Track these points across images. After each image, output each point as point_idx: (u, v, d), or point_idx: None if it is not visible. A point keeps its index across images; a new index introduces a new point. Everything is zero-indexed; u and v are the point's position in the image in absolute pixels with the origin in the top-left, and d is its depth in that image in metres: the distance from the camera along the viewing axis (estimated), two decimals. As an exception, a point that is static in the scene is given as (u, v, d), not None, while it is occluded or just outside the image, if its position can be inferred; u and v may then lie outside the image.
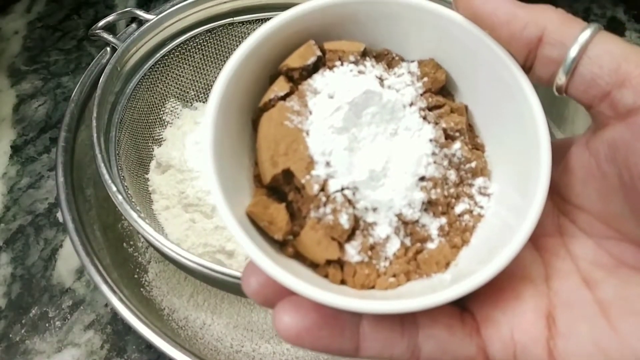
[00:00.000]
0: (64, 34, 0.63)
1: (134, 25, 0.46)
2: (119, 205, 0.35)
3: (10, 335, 0.42)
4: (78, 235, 0.37)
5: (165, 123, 0.49)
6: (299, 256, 0.20)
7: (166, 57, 0.47)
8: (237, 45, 0.52)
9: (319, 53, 0.22)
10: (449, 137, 0.22)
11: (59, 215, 0.49)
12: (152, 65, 0.46)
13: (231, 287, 0.37)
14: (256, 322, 0.42)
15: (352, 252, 0.20)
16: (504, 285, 0.19)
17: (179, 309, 0.42)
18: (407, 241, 0.21)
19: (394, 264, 0.21)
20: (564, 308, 0.19)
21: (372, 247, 0.21)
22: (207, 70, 0.50)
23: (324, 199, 0.20)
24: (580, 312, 0.19)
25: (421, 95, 0.22)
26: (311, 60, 0.22)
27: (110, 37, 0.44)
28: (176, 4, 0.45)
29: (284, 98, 0.21)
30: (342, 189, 0.20)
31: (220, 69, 0.21)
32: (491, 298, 0.19)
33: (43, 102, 0.57)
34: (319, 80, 0.22)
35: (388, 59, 0.23)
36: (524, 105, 0.20)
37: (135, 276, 0.43)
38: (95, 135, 0.38)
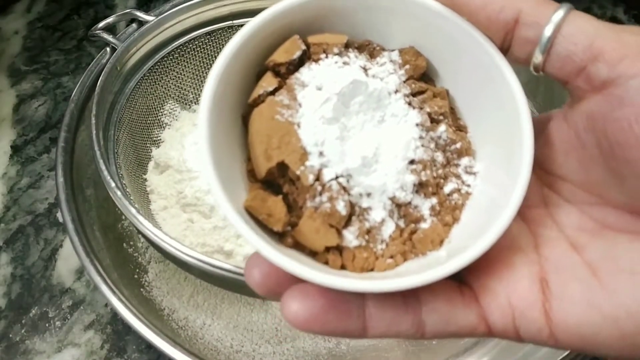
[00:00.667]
0: (64, 34, 0.63)
1: (134, 26, 0.46)
2: (117, 201, 0.35)
3: (10, 335, 0.42)
4: (78, 236, 0.38)
5: (164, 124, 0.49)
6: (298, 246, 0.21)
7: (165, 59, 0.47)
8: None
9: (303, 47, 0.23)
10: (434, 121, 0.23)
11: (59, 215, 0.49)
12: (152, 66, 0.46)
13: (230, 284, 0.37)
14: (256, 322, 0.43)
15: (350, 237, 0.21)
16: (496, 257, 0.20)
17: (179, 309, 0.42)
18: (401, 223, 0.22)
19: (390, 245, 0.21)
20: (556, 272, 0.20)
21: (368, 231, 0.21)
22: (206, 73, 0.50)
23: (319, 188, 0.20)
24: (571, 275, 0.20)
25: (404, 82, 0.23)
26: (297, 54, 0.22)
27: (110, 38, 0.44)
28: (176, 6, 0.45)
29: (273, 93, 0.22)
30: (337, 177, 0.21)
31: None
32: (486, 269, 0.20)
33: (43, 102, 0.57)
34: (306, 73, 0.22)
35: (370, 49, 0.24)
36: (503, 86, 0.21)
37: (135, 276, 0.43)
38: (94, 132, 0.38)
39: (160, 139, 0.48)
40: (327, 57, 0.23)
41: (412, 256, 0.21)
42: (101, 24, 0.45)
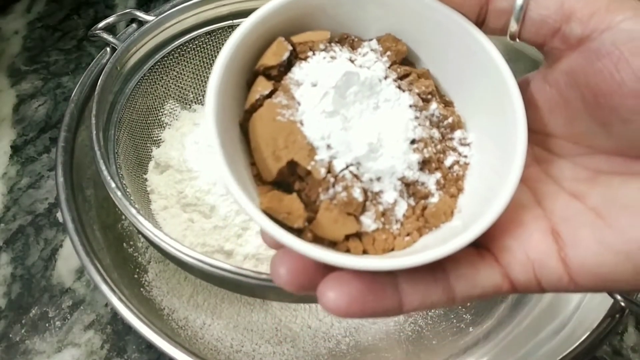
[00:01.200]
0: (64, 34, 0.63)
1: (134, 26, 0.46)
2: (118, 202, 0.35)
3: (10, 335, 0.42)
4: (78, 236, 0.37)
5: (164, 124, 0.49)
6: (317, 240, 0.21)
7: (165, 59, 0.47)
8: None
9: (290, 48, 0.23)
10: (424, 100, 0.24)
11: (59, 215, 0.49)
12: (152, 66, 0.46)
13: (230, 284, 0.37)
14: (256, 322, 0.43)
15: (368, 221, 0.22)
16: (506, 217, 0.21)
17: (179, 309, 0.42)
18: (412, 201, 0.23)
19: (405, 224, 0.22)
20: (564, 222, 0.21)
21: (383, 214, 0.22)
22: (206, 72, 0.50)
23: (332, 179, 0.21)
24: (579, 221, 0.21)
25: (389, 68, 0.24)
26: (285, 55, 0.23)
27: (110, 38, 0.44)
28: (176, 6, 0.45)
29: (269, 96, 0.22)
30: (347, 167, 0.21)
31: None
32: (499, 230, 0.21)
33: (43, 102, 0.57)
34: (298, 72, 0.23)
35: (350, 42, 0.25)
36: (483, 56, 0.23)
37: (135, 276, 0.43)
38: (94, 132, 0.38)
39: (160, 139, 0.48)
40: (314, 54, 0.23)
41: (426, 231, 0.22)
42: (101, 24, 0.45)
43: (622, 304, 0.32)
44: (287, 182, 0.22)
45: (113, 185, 0.35)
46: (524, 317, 0.42)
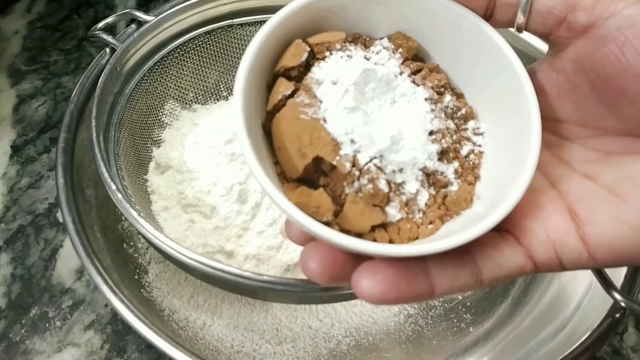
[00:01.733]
0: (64, 34, 0.63)
1: (133, 26, 0.46)
2: (118, 204, 0.35)
3: (10, 335, 0.42)
4: (78, 236, 0.37)
5: (164, 124, 0.49)
6: (344, 232, 0.22)
7: (165, 59, 0.47)
8: (236, 47, 0.52)
9: (308, 49, 0.24)
10: (438, 93, 0.25)
11: (59, 215, 0.49)
12: (151, 66, 0.46)
13: (232, 286, 0.38)
14: (256, 322, 0.43)
15: (393, 212, 0.22)
16: (523, 201, 0.21)
17: (179, 310, 0.42)
18: (432, 190, 0.24)
19: (427, 213, 0.23)
20: (579, 201, 0.22)
21: (407, 204, 0.23)
22: (206, 72, 0.50)
23: (357, 173, 0.22)
24: (594, 200, 0.21)
25: (402, 64, 0.25)
26: (304, 56, 0.24)
27: (109, 38, 0.44)
28: (175, 5, 0.45)
29: (291, 96, 0.23)
30: (371, 160, 0.22)
31: (219, 71, 0.22)
32: (519, 213, 0.22)
33: (43, 102, 0.57)
34: (317, 72, 0.24)
35: (362, 41, 0.26)
36: (494, 49, 0.23)
37: (136, 277, 0.43)
38: (94, 134, 0.38)
39: (160, 139, 0.48)
40: (331, 54, 0.24)
41: (448, 218, 0.23)
42: (100, 24, 0.45)
43: (622, 304, 0.32)
44: (311, 178, 0.23)
45: (114, 187, 0.35)
46: (524, 317, 0.42)
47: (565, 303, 0.40)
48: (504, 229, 0.22)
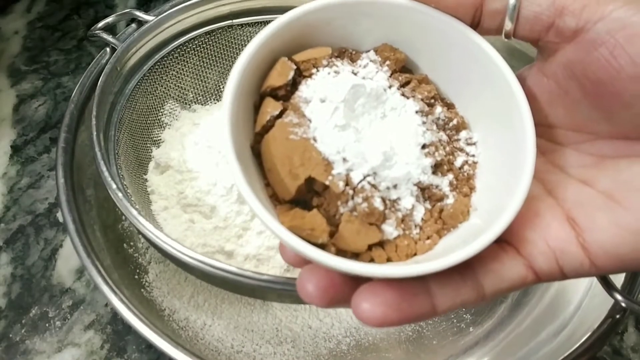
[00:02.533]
0: (64, 34, 0.63)
1: (133, 26, 0.46)
2: (119, 203, 0.35)
3: (10, 335, 0.42)
4: (79, 236, 0.37)
5: (164, 124, 0.49)
6: (340, 253, 0.21)
7: (165, 59, 0.47)
8: (236, 48, 0.52)
9: (294, 67, 0.23)
10: (428, 105, 0.25)
11: (59, 215, 0.49)
12: (152, 66, 0.46)
13: (231, 285, 0.37)
14: (256, 322, 0.43)
15: (390, 229, 0.22)
16: (521, 211, 0.21)
17: (179, 310, 0.42)
18: (428, 205, 0.23)
19: (424, 228, 0.23)
20: (578, 208, 0.21)
21: (403, 220, 0.22)
22: (206, 72, 0.50)
23: (350, 192, 0.21)
24: (592, 206, 0.21)
25: (390, 76, 0.25)
26: (291, 74, 0.23)
27: (109, 38, 0.44)
28: (175, 5, 0.45)
29: (279, 116, 0.22)
30: (364, 178, 0.22)
31: (219, 72, 0.22)
32: (517, 223, 0.21)
33: (43, 102, 0.57)
34: (305, 90, 0.23)
35: (349, 55, 0.25)
36: (482, 57, 0.23)
37: (136, 277, 0.43)
38: (94, 133, 0.38)
39: (160, 139, 0.48)
40: (318, 70, 0.24)
41: (445, 232, 0.23)
42: (101, 24, 0.45)
43: (623, 304, 0.32)
44: (304, 199, 0.22)
45: (114, 186, 0.35)
46: (524, 317, 0.42)
47: (566, 303, 0.40)
48: (503, 240, 0.22)
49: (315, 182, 0.21)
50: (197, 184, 0.43)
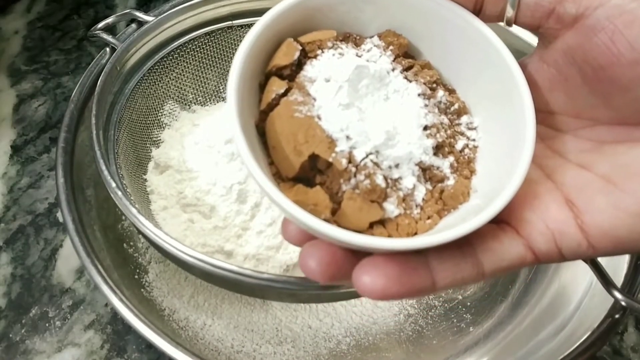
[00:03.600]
0: (64, 34, 0.63)
1: (133, 26, 0.46)
2: (118, 201, 0.35)
3: (10, 335, 0.42)
4: (78, 236, 0.37)
5: (164, 125, 0.49)
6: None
7: (165, 59, 0.47)
8: (235, 49, 0.52)
9: (300, 47, 0.24)
10: (430, 89, 0.25)
11: (59, 215, 0.49)
12: (151, 66, 0.46)
13: (231, 284, 0.37)
14: (256, 322, 0.43)
15: (391, 207, 0.22)
16: (520, 193, 0.21)
17: (179, 310, 0.42)
18: (429, 185, 0.24)
19: (425, 208, 0.23)
20: (576, 191, 0.22)
21: (404, 199, 0.23)
22: (205, 73, 0.50)
23: (353, 169, 0.22)
24: (591, 189, 0.22)
25: (393, 61, 0.25)
26: (296, 55, 0.24)
27: (109, 38, 0.44)
28: (175, 6, 0.45)
29: (284, 94, 0.23)
30: (367, 156, 0.22)
31: (218, 72, 0.22)
32: (517, 205, 0.22)
33: (43, 102, 0.57)
34: (310, 70, 0.24)
35: (353, 39, 0.26)
36: (485, 44, 0.23)
37: (136, 277, 0.43)
38: (94, 132, 0.38)
39: (160, 140, 0.48)
40: (323, 52, 0.24)
41: (446, 213, 0.23)
42: (100, 24, 0.45)
43: (623, 303, 0.32)
44: (307, 177, 0.22)
45: (113, 185, 0.35)
46: (524, 317, 0.42)
47: (565, 303, 0.40)
48: (503, 221, 0.22)
49: (319, 160, 0.22)
50: (196, 184, 0.43)
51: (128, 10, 0.46)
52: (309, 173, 0.22)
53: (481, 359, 0.41)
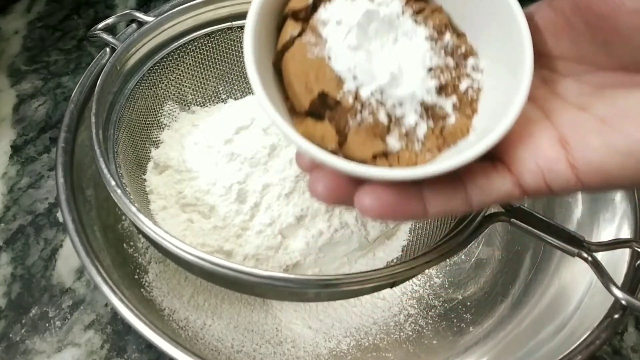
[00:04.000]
0: (64, 34, 0.63)
1: (133, 26, 0.46)
2: (118, 200, 0.35)
3: (10, 335, 0.42)
4: (78, 236, 0.37)
5: (163, 125, 0.49)
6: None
7: (165, 59, 0.47)
8: (235, 50, 0.52)
9: None
10: (439, 32, 0.26)
11: (59, 215, 0.49)
12: (151, 67, 0.46)
13: (231, 283, 0.37)
14: (256, 322, 0.43)
15: (393, 141, 0.24)
16: (517, 131, 0.23)
17: (179, 310, 0.42)
18: (431, 123, 0.25)
19: (426, 143, 0.25)
20: (571, 130, 0.23)
21: (406, 135, 0.25)
22: (205, 74, 0.50)
23: (359, 106, 0.24)
24: (586, 128, 0.22)
25: (405, 4, 0.27)
26: None
27: (109, 38, 0.44)
28: (176, 6, 0.45)
29: (299, 36, 0.25)
30: (372, 94, 0.24)
31: (218, 73, 0.22)
32: (511, 143, 0.23)
33: (43, 102, 0.57)
34: (323, 13, 0.25)
35: None
36: None
37: (136, 277, 0.43)
38: (94, 131, 0.38)
39: (159, 140, 0.48)
40: None
41: (445, 147, 0.25)
42: (100, 25, 0.45)
43: (623, 302, 0.32)
44: (318, 112, 0.24)
45: (113, 183, 0.35)
46: (524, 317, 0.42)
47: (565, 303, 0.40)
48: (497, 158, 0.24)
49: (328, 97, 0.24)
50: (196, 184, 0.43)
51: (128, 11, 0.46)
52: (319, 109, 0.24)
53: (481, 359, 0.41)
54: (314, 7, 0.26)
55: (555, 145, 0.22)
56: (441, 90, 0.25)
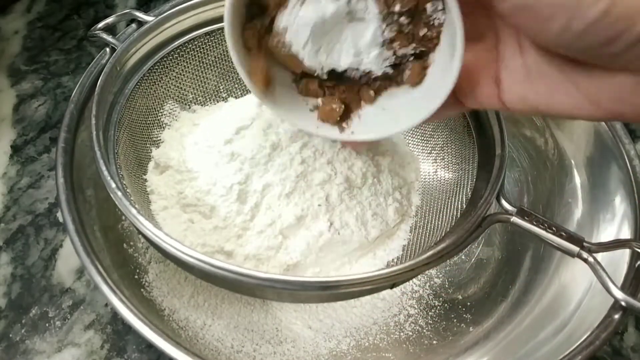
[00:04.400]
0: (64, 34, 0.63)
1: (133, 26, 0.46)
2: (118, 202, 0.35)
3: (10, 335, 0.42)
4: (78, 236, 0.37)
5: (164, 125, 0.49)
6: (322, 121, 0.36)
7: (165, 59, 0.47)
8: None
9: None
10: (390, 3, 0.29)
11: (59, 215, 0.49)
12: (151, 66, 0.46)
13: (231, 284, 0.37)
14: (256, 322, 0.43)
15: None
16: (468, 75, 0.30)
17: (179, 310, 0.42)
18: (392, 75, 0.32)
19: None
20: (505, 73, 0.29)
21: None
22: (205, 73, 0.50)
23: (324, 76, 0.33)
24: (514, 77, 0.28)
25: None
26: None
27: (109, 38, 0.44)
28: (175, 6, 0.45)
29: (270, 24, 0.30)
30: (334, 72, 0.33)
31: (218, 72, 0.23)
32: (463, 88, 0.30)
33: (43, 102, 0.57)
34: (282, 21, 0.30)
35: None
36: None
37: (136, 277, 0.43)
38: (94, 132, 0.38)
39: (160, 140, 0.48)
40: None
41: (394, 87, 0.33)
42: (100, 24, 0.45)
43: (623, 303, 0.32)
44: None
45: (113, 185, 0.35)
46: (524, 317, 0.42)
47: (565, 303, 0.40)
48: (456, 95, 0.31)
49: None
50: (196, 184, 0.43)
51: (128, 10, 0.46)
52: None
53: (481, 359, 0.41)
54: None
55: (492, 85, 0.29)
56: (400, 46, 0.30)
